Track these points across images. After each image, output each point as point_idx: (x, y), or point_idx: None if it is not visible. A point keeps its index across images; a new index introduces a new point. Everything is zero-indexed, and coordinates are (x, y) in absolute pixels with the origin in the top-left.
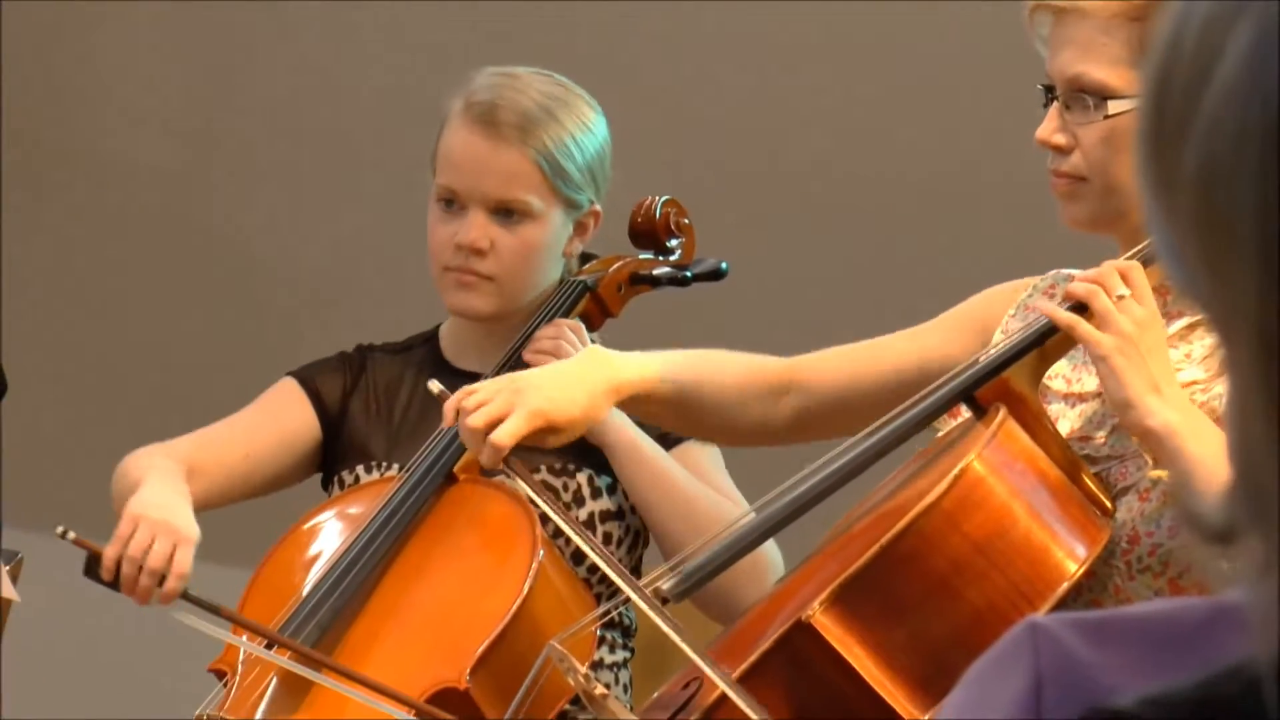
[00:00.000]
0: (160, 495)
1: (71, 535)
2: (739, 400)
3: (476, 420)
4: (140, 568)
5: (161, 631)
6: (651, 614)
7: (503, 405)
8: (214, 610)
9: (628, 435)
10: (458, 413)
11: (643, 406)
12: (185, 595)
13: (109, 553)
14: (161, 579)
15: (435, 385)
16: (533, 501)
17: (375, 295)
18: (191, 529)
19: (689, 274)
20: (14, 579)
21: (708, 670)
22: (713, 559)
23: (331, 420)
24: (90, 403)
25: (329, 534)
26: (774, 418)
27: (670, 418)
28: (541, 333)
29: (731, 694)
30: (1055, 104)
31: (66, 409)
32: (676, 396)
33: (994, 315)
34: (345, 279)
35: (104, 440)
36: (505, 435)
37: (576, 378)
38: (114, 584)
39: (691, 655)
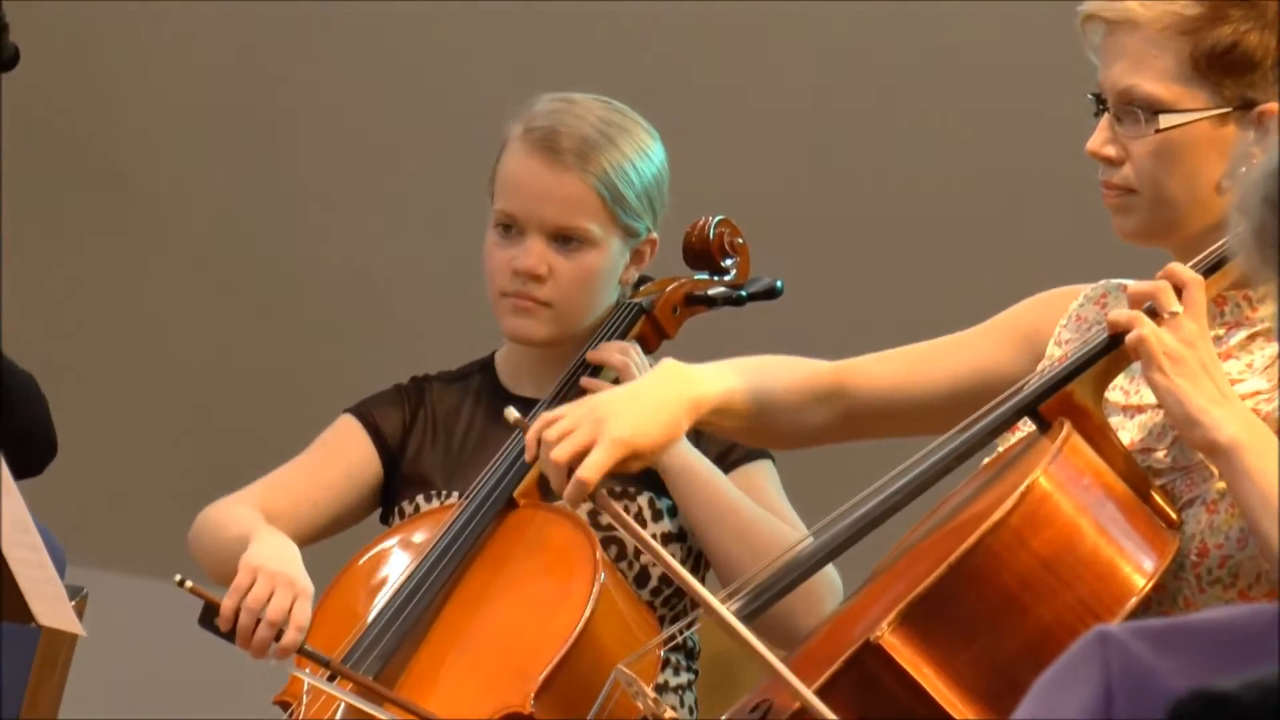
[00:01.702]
0: (274, 547)
1: (189, 584)
2: (798, 406)
3: (560, 454)
4: (258, 620)
5: (225, 664)
6: (746, 635)
7: (586, 436)
8: (326, 663)
9: (683, 459)
10: (540, 444)
11: (716, 420)
12: (301, 649)
13: (227, 604)
14: (279, 631)
15: (512, 413)
16: (620, 528)
17: (431, 319)
18: (308, 582)
19: (744, 293)
20: (79, 614)
21: (795, 684)
22: (776, 581)
23: (392, 454)
24: (148, 438)
25: (391, 563)
26: (826, 421)
27: (740, 428)
28: (609, 345)
29: (814, 703)
30: (1106, 115)
31: (125, 445)
32: (748, 406)
33: (1045, 323)
34: (402, 302)
35: (164, 475)
36: (592, 470)
37: (656, 399)
38: (230, 635)
39: (781, 671)
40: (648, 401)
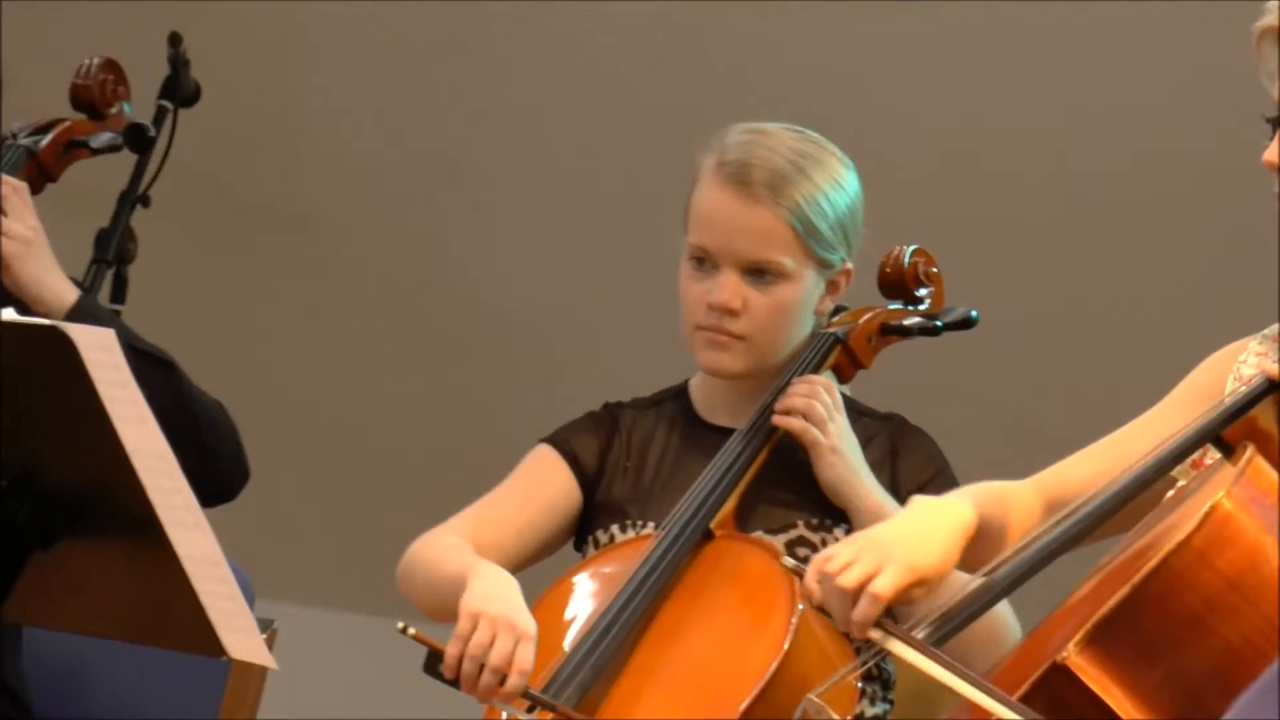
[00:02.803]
0: (494, 588)
1: (411, 631)
2: (1025, 531)
3: (849, 580)
4: (482, 666)
5: (414, 696)
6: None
7: (872, 564)
8: (552, 706)
9: (874, 500)
10: (820, 580)
11: (969, 545)
12: (526, 692)
13: (450, 651)
14: (503, 676)
15: (789, 562)
16: (906, 655)
17: (624, 350)
18: (530, 624)
19: (939, 323)
20: (269, 647)
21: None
22: (959, 611)
23: (589, 482)
24: (335, 473)
25: (588, 594)
26: None
27: (980, 554)
28: (794, 389)
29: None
30: None
31: (312, 480)
32: (992, 533)
33: (1219, 381)
34: (595, 334)
35: (351, 510)
36: (886, 587)
37: (929, 527)
38: (454, 682)
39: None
40: (923, 531)
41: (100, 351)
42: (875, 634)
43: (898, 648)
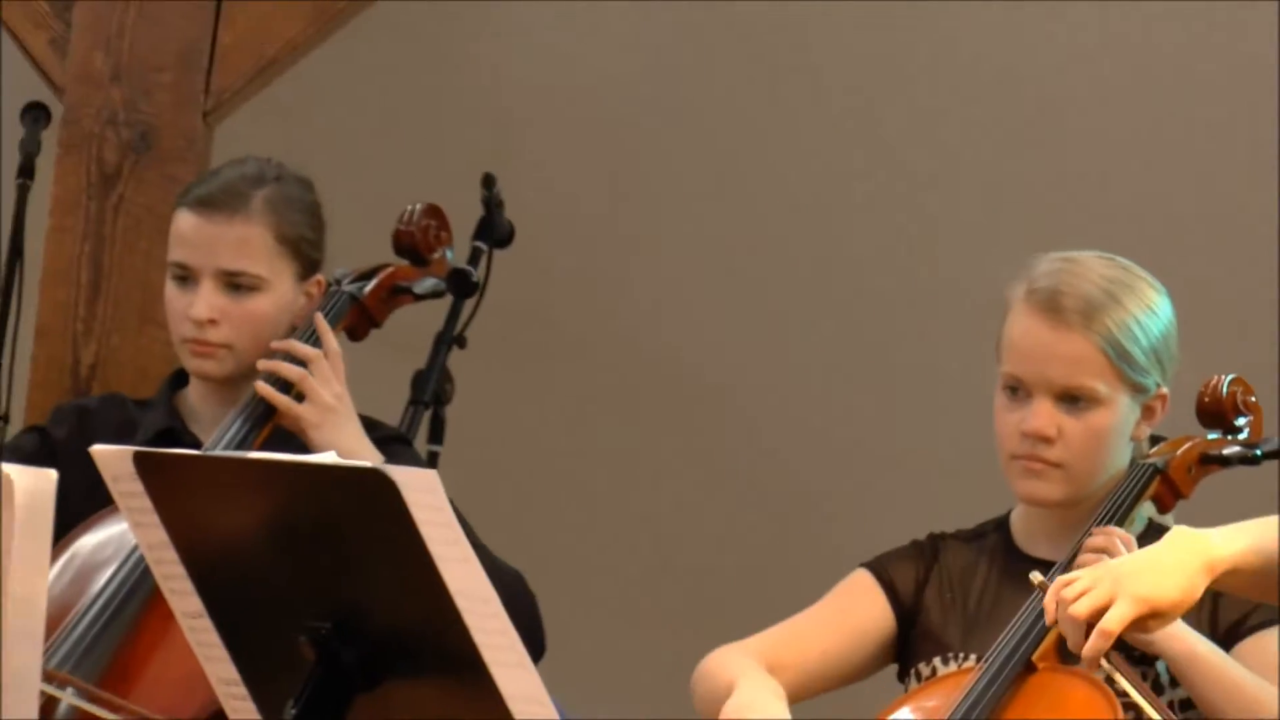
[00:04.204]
0: (755, 697)
1: None
2: None
3: (1080, 610)
4: None
5: None
6: None
7: (1105, 594)
8: None
9: (1185, 644)
10: (1057, 604)
11: (1229, 580)
12: None
13: None
14: None
15: (1037, 576)
16: (1131, 693)
17: (941, 480)
18: None
19: (1259, 452)
20: None
21: None
22: None
23: (906, 610)
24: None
25: None
26: None
27: (1253, 587)
28: (1090, 542)
29: None
30: None
31: (630, 607)
32: (1264, 567)
33: None
34: (906, 464)
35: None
36: (1113, 623)
37: (1173, 562)
38: None
39: None
40: (1165, 564)
41: (423, 493)
42: (1105, 666)
43: (1122, 684)
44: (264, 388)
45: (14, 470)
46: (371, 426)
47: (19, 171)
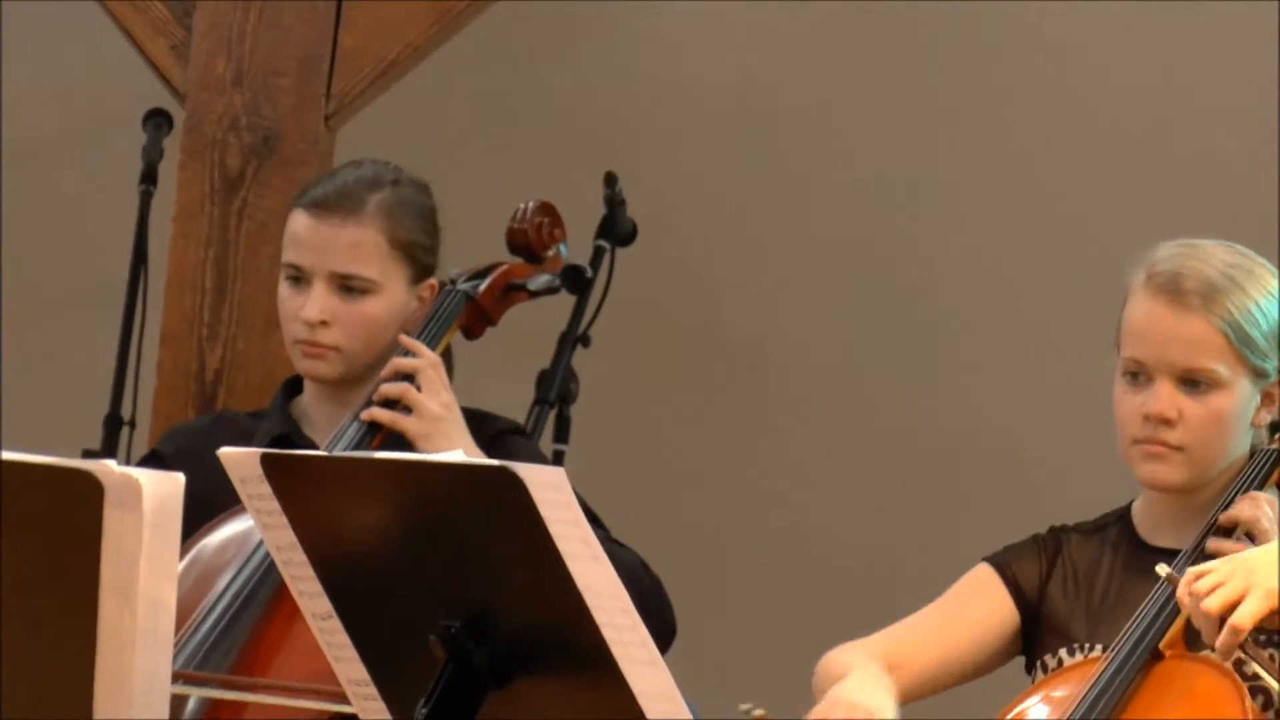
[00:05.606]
0: (861, 683)
1: (758, 712)
2: None
3: (1212, 604)
4: None
5: None
6: None
7: (1238, 587)
8: None
9: None
10: (1190, 596)
11: None
12: None
13: None
14: None
15: (1164, 568)
16: (1263, 675)
17: (1065, 472)
18: (885, 710)
19: None
20: None
21: None
22: None
23: (1029, 604)
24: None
25: (1039, 718)
26: None
27: None
28: (1238, 506)
29: None
30: None
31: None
32: None
33: None
34: (1036, 459)
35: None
36: (1245, 618)
37: None
38: None
39: None
40: None
41: (551, 491)
42: (1239, 655)
43: (1253, 666)
44: (372, 411)
45: (143, 474)
46: (488, 419)
47: (142, 178)
